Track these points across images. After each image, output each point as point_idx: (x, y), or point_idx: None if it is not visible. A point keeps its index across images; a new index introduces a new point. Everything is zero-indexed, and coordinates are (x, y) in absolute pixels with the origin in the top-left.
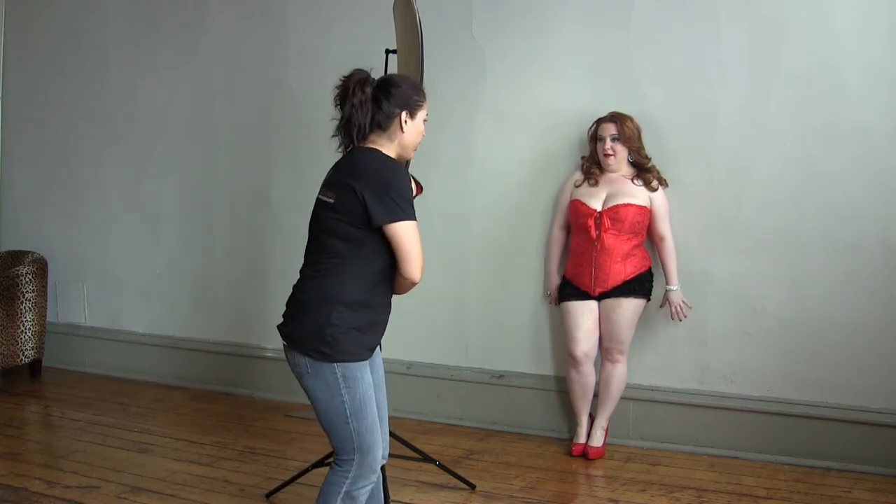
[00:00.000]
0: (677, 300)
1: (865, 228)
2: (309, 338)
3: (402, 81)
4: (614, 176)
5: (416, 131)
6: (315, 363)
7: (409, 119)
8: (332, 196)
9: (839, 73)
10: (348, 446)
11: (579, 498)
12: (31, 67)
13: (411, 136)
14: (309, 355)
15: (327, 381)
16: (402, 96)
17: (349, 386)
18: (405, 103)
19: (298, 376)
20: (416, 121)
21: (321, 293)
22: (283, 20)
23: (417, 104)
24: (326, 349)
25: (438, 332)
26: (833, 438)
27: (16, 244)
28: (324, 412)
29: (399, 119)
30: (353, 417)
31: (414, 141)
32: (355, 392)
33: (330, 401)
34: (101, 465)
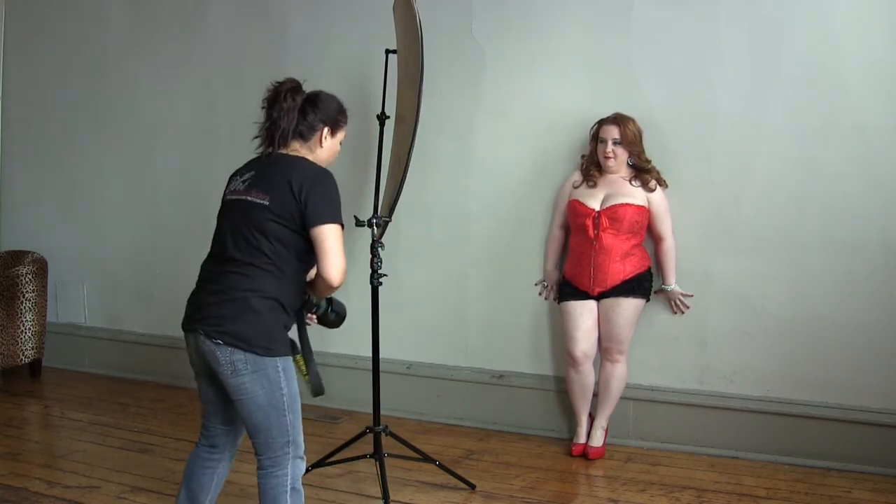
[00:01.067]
0: (676, 294)
1: (865, 228)
2: (253, 335)
3: (330, 99)
4: (613, 177)
5: (333, 150)
6: (257, 359)
7: (329, 136)
8: (266, 198)
9: (839, 73)
10: (281, 441)
11: (579, 498)
12: (31, 67)
13: (327, 152)
14: (253, 352)
15: (269, 376)
16: (328, 112)
17: (288, 379)
18: (330, 119)
19: (232, 374)
20: (335, 139)
21: (260, 292)
22: (283, 20)
23: (340, 124)
24: (271, 345)
25: (438, 332)
26: (833, 438)
27: (16, 244)
28: (262, 408)
29: (321, 133)
30: (289, 410)
31: (328, 158)
32: (292, 385)
33: (270, 395)
34: (101, 465)
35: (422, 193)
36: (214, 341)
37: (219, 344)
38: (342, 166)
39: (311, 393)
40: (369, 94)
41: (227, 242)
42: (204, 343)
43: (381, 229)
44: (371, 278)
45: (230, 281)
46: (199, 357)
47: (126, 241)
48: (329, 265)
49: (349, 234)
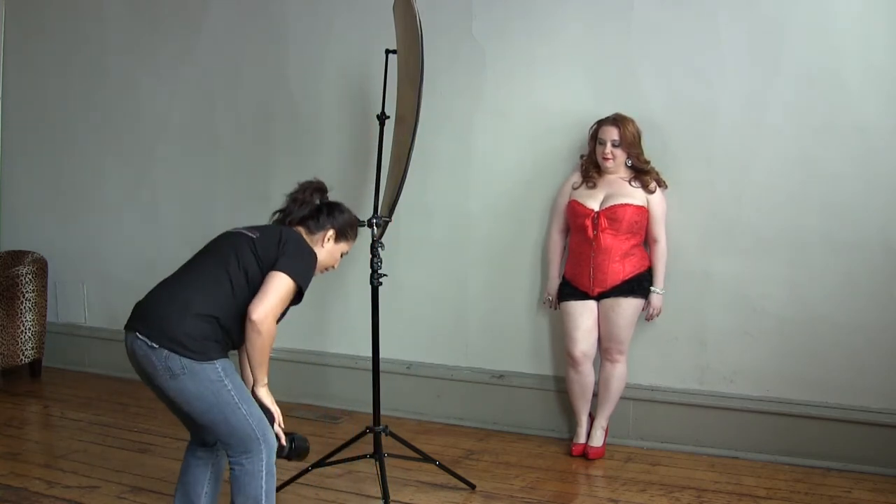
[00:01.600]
0: (659, 304)
1: (865, 228)
2: (188, 342)
3: (348, 212)
4: (612, 177)
5: (332, 255)
6: (193, 363)
7: (332, 240)
8: (256, 234)
9: (839, 73)
10: (244, 432)
11: (579, 498)
12: (31, 67)
13: (326, 254)
14: (188, 357)
15: (210, 377)
16: (340, 220)
17: (230, 375)
18: (339, 226)
19: (170, 377)
20: (337, 247)
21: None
22: (283, 20)
23: (347, 235)
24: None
25: (438, 332)
26: (833, 438)
27: (16, 244)
28: (213, 408)
29: (325, 233)
30: (242, 402)
31: (324, 262)
32: (235, 379)
33: (217, 395)
34: (101, 465)
35: (422, 193)
36: (150, 344)
37: (154, 348)
38: (342, 166)
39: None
40: (369, 94)
41: (197, 257)
42: (139, 345)
43: (381, 229)
44: (371, 278)
45: (182, 289)
46: (132, 360)
47: (126, 241)
48: (260, 302)
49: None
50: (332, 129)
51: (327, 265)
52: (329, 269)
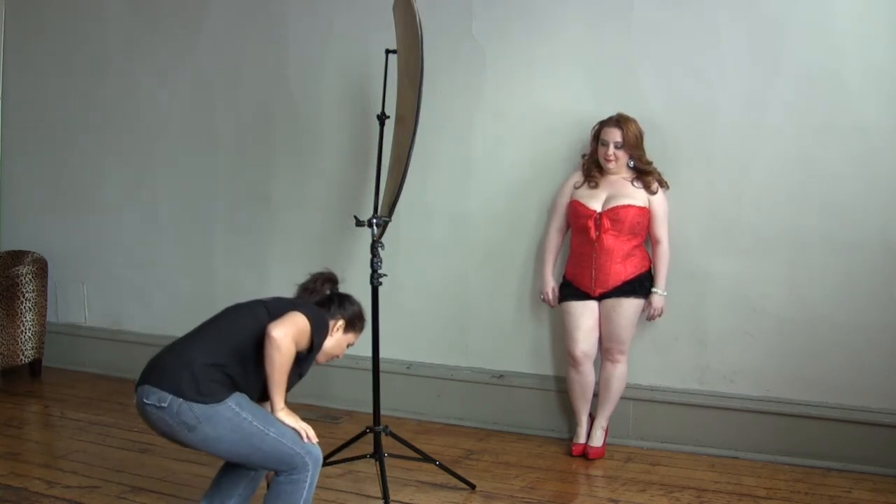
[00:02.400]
0: (660, 305)
1: (865, 228)
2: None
3: (357, 304)
4: (614, 178)
5: (339, 345)
6: (204, 407)
7: (341, 330)
8: (269, 300)
9: (839, 73)
10: (286, 451)
11: (579, 498)
12: (31, 67)
13: (333, 343)
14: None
15: (226, 415)
16: (350, 311)
17: (245, 408)
18: (348, 317)
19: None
20: (345, 337)
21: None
22: (283, 20)
23: (355, 327)
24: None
25: (438, 332)
26: (833, 438)
27: (16, 244)
28: (238, 444)
29: (335, 324)
30: (268, 427)
31: (331, 351)
32: (253, 409)
33: (239, 430)
34: (101, 465)
35: (422, 193)
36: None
37: (162, 408)
38: (342, 166)
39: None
40: (369, 94)
41: (210, 319)
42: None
43: (381, 229)
44: (371, 278)
45: (187, 347)
46: (146, 421)
47: (126, 241)
48: (280, 322)
49: (349, 234)
50: (332, 129)
51: (334, 354)
52: (334, 357)
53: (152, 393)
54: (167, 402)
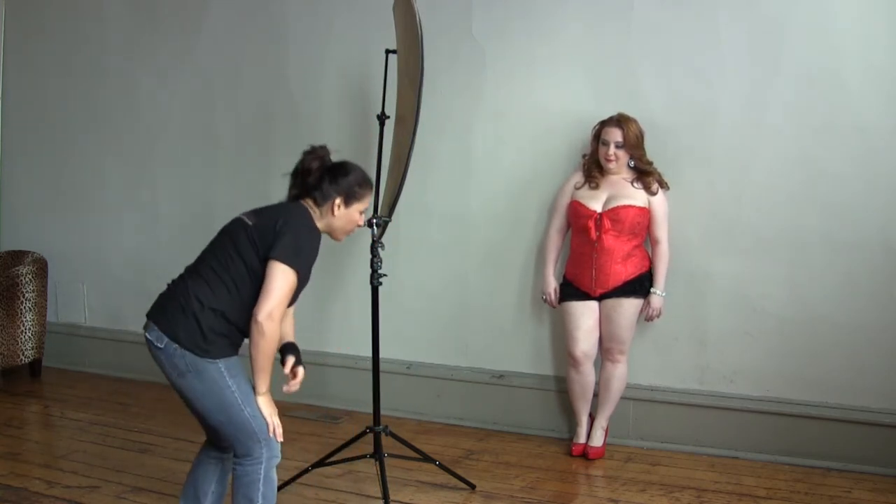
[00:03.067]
0: (659, 306)
1: (865, 228)
2: (187, 337)
3: (351, 171)
4: (615, 178)
5: (348, 219)
6: (196, 360)
7: (342, 206)
8: (253, 220)
9: (839, 73)
10: (247, 432)
11: (579, 498)
12: (31, 67)
13: (341, 221)
14: (191, 351)
15: (213, 376)
16: (344, 185)
17: (234, 376)
18: (345, 191)
19: (178, 375)
20: (350, 210)
21: (208, 300)
22: (283, 20)
23: (356, 195)
24: (208, 347)
25: (438, 332)
26: (833, 438)
27: (16, 244)
28: (216, 407)
29: (333, 202)
30: (245, 404)
31: (343, 227)
32: (239, 380)
33: (221, 395)
34: (101, 465)
35: (422, 193)
36: (156, 345)
37: (159, 348)
38: None
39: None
40: (369, 94)
41: (205, 251)
42: (149, 344)
43: (381, 229)
44: (371, 278)
45: (186, 285)
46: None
47: (126, 241)
48: (263, 301)
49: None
50: (332, 129)
51: (347, 230)
52: (352, 231)
53: (153, 330)
54: (163, 343)
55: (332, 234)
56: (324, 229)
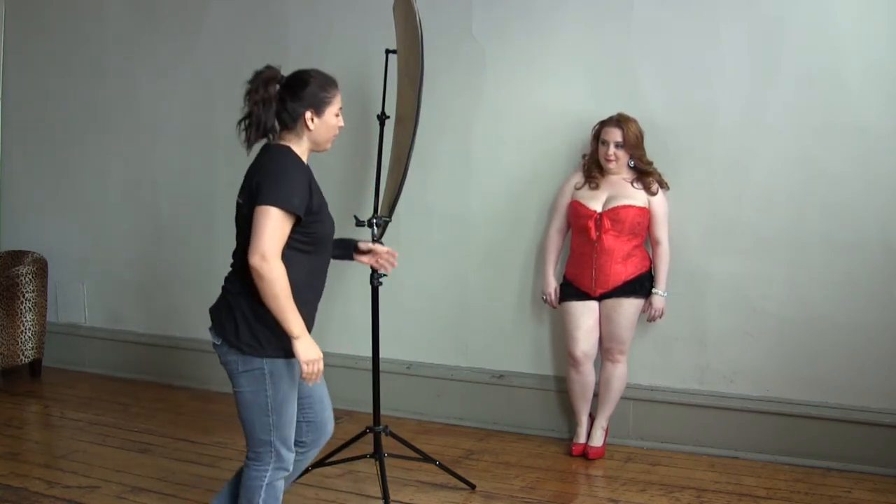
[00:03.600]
0: (660, 306)
1: (865, 228)
2: (235, 333)
3: (310, 79)
4: (615, 178)
5: (326, 127)
6: (244, 358)
7: (315, 117)
8: (242, 197)
9: (839, 73)
10: (263, 438)
11: (579, 498)
12: (31, 67)
13: (321, 132)
14: (239, 349)
15: (255, 376)
16: (307, 96)
17: (274, 382)
18: (311, 102)
19: (231, 373)
20: (325, 117)
21: (242, 290)
22: (283, 20)
23: (324, 101)
24: (254, 343)
25: (438, 332)
26: (833, 438)
27: (16, 244)
28: (246, 405)
29: (304, 118)
30: (273, 411)
31: (325, 136)
32: (279, 388)
33: (255, 395)
34: (101, 465)
35: (422, 193)
36: (214, 342)
37: (216, 344)
38: (343, 166)
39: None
40: (369, 94)
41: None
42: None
43: (381, 229)
44: (371, 278)
45: (227, 282)
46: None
47: (126, 241)
48: (252, 246)
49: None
50: None
51: (330, 138)
52: (335, 136)
53: (210, 328)
54: (219, 342)
55: (318, 148)
56: (309, 148)
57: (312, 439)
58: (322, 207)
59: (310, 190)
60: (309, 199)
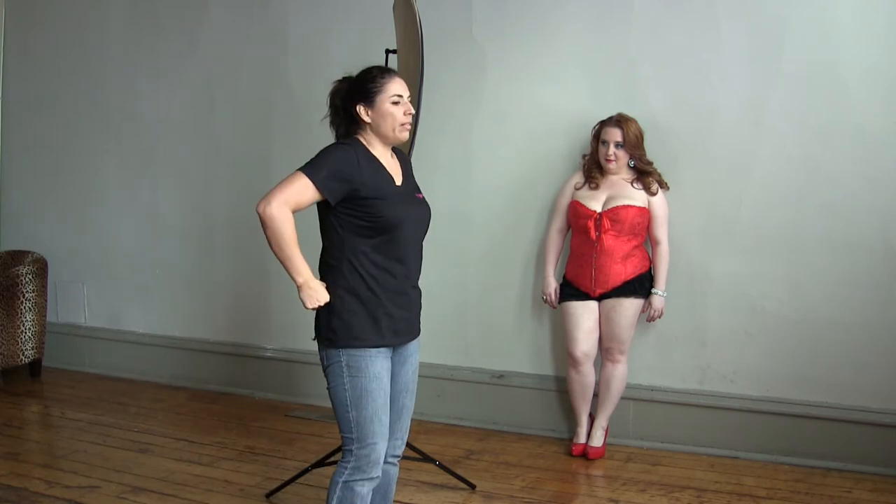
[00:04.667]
0: (660, 306)
1: (865, 228)
2: (319, 326)
3: (360, 74)
4: (614, 178)
5: (384, 116)
6: (327, 351)
7: (368, 109)
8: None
9: (839, 73)
10: (346, 436)
11: (579, 498)
12: (31, 67)
13: (380, 122)
14: (322, 343)
15: (334, 369)
16: (356, 91)
17: (352, 375)
18: (359, 97)
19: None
20: (379, 105)
21: (326, 283)
22: (283, 20)
23: (373, 91)
24: (330, 335)
25: (438, 331)
26: (833, 438)
27: (16, 244)
28: (333, 400)
29: (359, 114)
30: (353, 406)
31: (388, 125)
32: (358, 381)
33: (336, 389)
34: (101, 465)
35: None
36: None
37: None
38: None
39: None
40: None
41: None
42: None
43: None
44: None
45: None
46: None
47: (126, 241)
48: (265, 195)
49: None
50: None
51: (395, 126)
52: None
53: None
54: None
55: (388, 141)
56: (380, 141)
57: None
58: (384, 190)
59: (352, 174)
60: (349, 180)
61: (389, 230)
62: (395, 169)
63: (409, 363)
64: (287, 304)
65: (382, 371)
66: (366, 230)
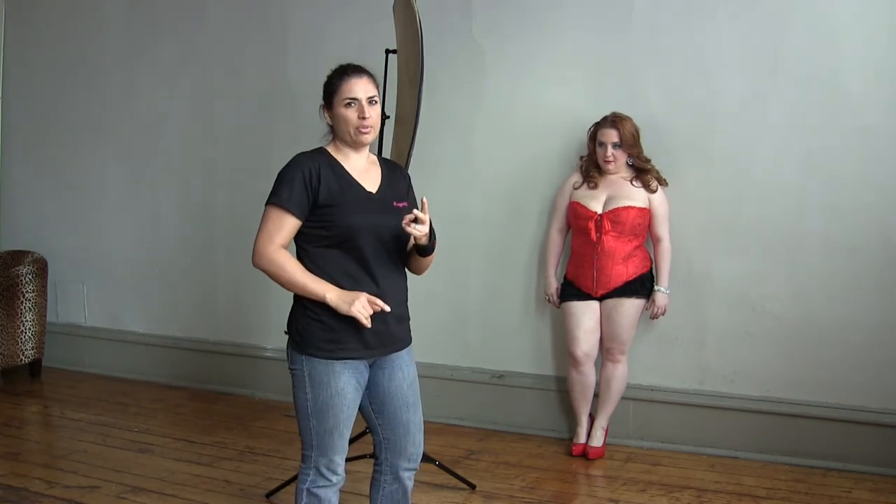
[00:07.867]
0: (663, 303)
1: (866, 228)
2: (290, 323)
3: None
4: (613, 178)
5: (337, 119)
6: (292, 354)
7: (327, 113)
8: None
9: (839, 72)
10: (307, 442)
11: (579, 498)
12: (31, 67)
13: (337, 125)
14: (289, 343)
15: (296, 375)
16: (323, 97)
17: (314, 385)
18: (324, 101)
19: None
20: (335, 108)
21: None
22: (283, 20)
23: (329, 93)
24: (297, 337)
25: (438, 331)
26: (833, 438)
27: (16, 244)
28: (294, 401)
29: (325, 118)
30: (313, 415)
31: (342, 130)
32: (320, 394)
33: (297, 396)
34: (101, 465)
35: (422, 193)
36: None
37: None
38: None
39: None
40: None
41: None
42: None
43: None
44: None
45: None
46: None
47: (126, 241)
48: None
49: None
50: None
51: (350, 130)
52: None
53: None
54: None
55: (348, 146)
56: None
57: (390, 461)
58: (340, 198)
59: (310, 181)
60: (307, 190)
61: (346, 238)
62: (369, 176)
63: (399, 376)
64: (287, 304)
65: (347, 386)
66: (325, 239)
